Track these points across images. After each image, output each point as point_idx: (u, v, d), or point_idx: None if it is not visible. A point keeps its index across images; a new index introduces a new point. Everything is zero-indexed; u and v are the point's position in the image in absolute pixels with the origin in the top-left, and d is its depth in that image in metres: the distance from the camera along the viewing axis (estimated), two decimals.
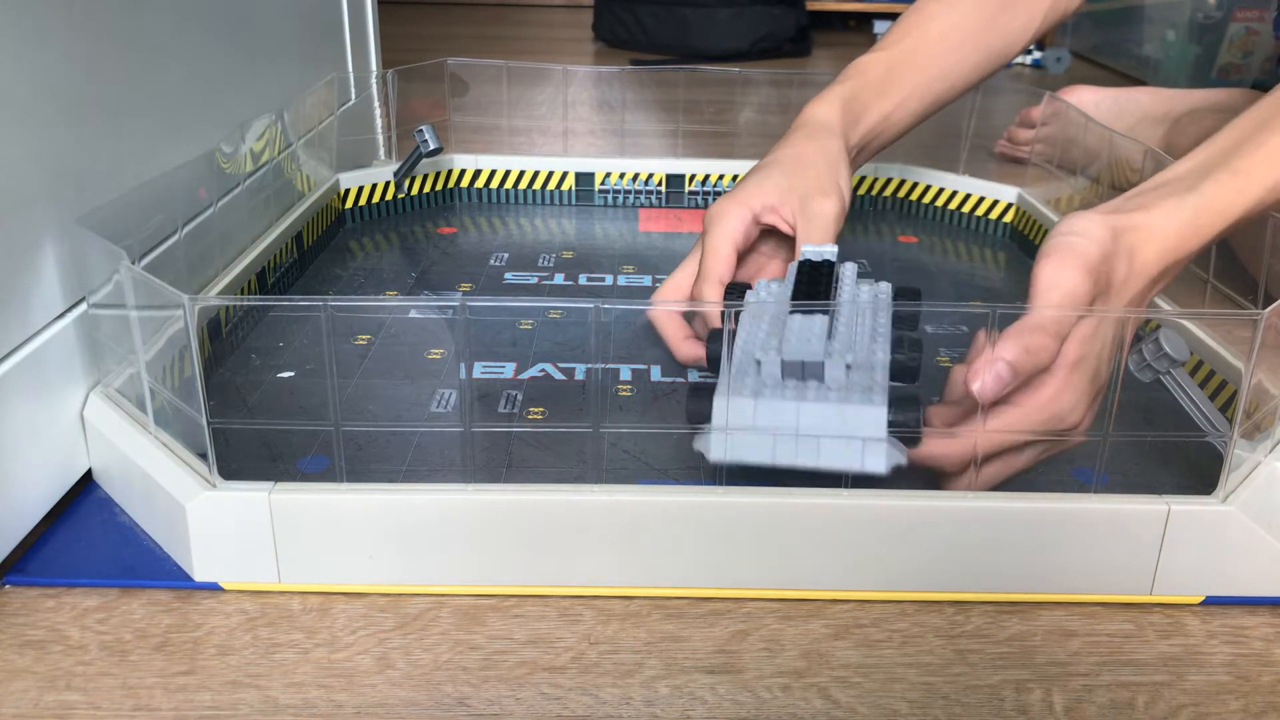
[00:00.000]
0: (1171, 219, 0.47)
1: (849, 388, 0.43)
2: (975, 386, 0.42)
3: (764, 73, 0.95)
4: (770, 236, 0.62)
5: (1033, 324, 0.43)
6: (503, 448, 0.52)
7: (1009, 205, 0.90)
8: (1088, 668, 0.42)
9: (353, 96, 0.94)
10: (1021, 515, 0.44)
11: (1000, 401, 0.44)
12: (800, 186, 0.59)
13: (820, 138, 0.63)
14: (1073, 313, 0.45)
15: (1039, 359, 0.43)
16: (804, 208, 0.59)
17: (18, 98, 0.46)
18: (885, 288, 0.53)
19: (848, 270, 0.53)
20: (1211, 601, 0.46)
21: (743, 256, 0.61)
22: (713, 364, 0.49)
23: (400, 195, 0.90)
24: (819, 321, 0.46)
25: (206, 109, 0.65)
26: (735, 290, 0.56)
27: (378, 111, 0.98)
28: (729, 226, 0.59)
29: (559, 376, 0.60)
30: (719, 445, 0.44)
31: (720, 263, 0.58)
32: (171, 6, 0.60)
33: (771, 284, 0.54)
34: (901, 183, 0.95)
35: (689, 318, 0.61)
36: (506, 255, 0.80)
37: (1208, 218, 0.47)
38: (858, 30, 2.54)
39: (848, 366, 0.44)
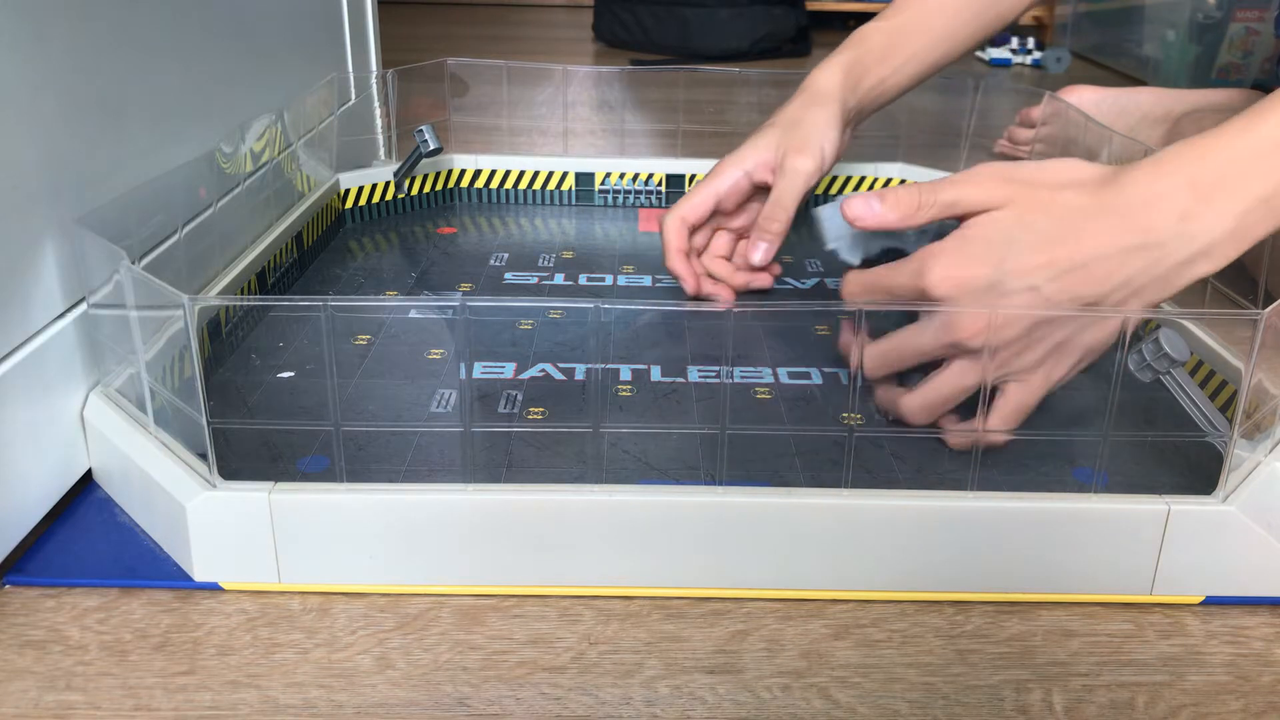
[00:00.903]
0: (1126, 169, 0.49)
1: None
2: (844, 207, 0.49)
3: (764, 73, 0.95)
4: (766, 190, 0.68)
5: (917, 183, 0.50)
6: (502, 448, 0.52)
7: None
8: (1088, 668, 0.42)
9: (353, 96, 0.94)
10: (1021, 515, 0.44)
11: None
12: (785, 146, 0.66)
13: (818, 103, 0.69)
14: (1076, 312, 0.45)
15: (902, 200, 0.49)
16: (782, 164, 0.66)
17: (18, 98, 0.46)
18: None
19: None
20: (1211, 601, 0.46)
21: (740, 206, 0.69)
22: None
23: (400, 195, 0.90)
24: None
25: (206, 109, 0.65)
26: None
27: (378, 111, 0.98)
28: (718, 181, 0.67)
29: (559, 376, 0.60)
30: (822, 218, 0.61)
31: (694, 208, 0.67)
32: (171, 6, 0.60)
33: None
34: (902, 183, 0.95)
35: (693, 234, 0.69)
36: (506, 255, 0.80)
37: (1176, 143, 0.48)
38: None
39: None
